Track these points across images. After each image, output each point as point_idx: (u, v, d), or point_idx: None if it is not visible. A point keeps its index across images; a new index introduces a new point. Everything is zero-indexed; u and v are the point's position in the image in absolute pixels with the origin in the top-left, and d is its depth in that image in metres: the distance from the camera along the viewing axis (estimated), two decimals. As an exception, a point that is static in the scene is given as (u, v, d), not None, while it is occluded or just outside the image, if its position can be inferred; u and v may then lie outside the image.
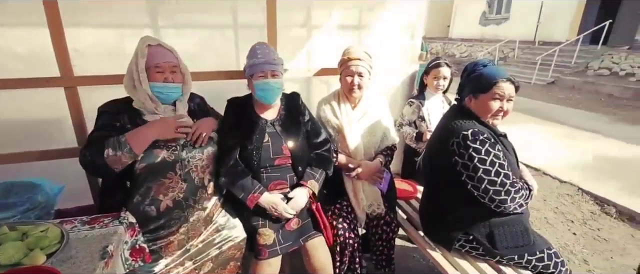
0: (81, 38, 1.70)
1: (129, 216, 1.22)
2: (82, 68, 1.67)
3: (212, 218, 1.46)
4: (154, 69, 1.30)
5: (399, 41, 2.29)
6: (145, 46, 1.30)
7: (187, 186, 1.36)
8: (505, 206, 1.30)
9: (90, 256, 0.99)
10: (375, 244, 1.75)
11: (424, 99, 2.19)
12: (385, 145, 1.82)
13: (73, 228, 1.13)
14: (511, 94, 1.33)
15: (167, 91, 1.33)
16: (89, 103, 1.66)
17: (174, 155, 1.32)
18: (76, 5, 1.63)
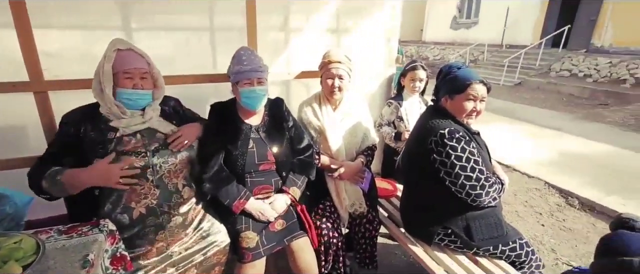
0: (52, 41, 1.64)
1: (109, 223, 1.18)
2: (53, 72, 1.61)
3: (191, 223, 1.43)
4: (122, 74, 1.25)
5: (376, 44, 2.37)
6: (113, 50, 1.25)
7: (160, 192, 1.33)
8: (481, 200, 1.37)
9: (70, 265, 0.96)
10: (358, 242, 1.79)
11: (401, 100, 2.27)
12: (366, 145, 1.86)
13: (49, 237, 1.08)
14: (484, 95, 1.41)
15: (136, 97, 1.29)
16: (61, 108, 1.60)
17: (143, 161, 1.29)
18: (45, 6, 1.58)
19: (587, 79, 9.11)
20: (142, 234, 1.32)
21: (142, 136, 1.33)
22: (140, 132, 1.32)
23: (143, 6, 1.86)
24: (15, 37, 1.48)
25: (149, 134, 1.34)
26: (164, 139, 1.37)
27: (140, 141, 1.31)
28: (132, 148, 1.28)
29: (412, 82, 2.23)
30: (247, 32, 1.84)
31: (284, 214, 1.58)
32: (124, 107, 1.28)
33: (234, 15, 1.97)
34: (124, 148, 1.27)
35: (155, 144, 1.34)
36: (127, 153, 1.27)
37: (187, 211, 1.42)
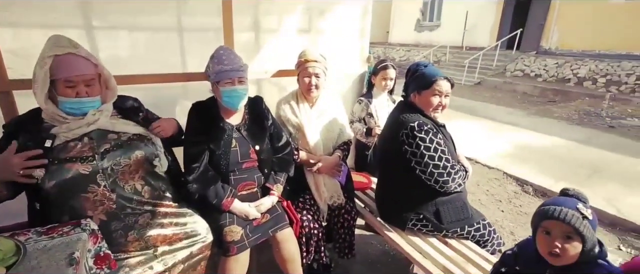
0: (16, 39, 1.57)
1: (91, 223, 1.17)
2: (18, 71, 1.54)
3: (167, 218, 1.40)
4: (63, 83, 1.15)
5: (348, 44, 2.46)
6: (49, 56, 1.12)
7: (117, 195, 1.25)
8: (448, 186, 1.51)
9: (55, 264, 0.95)
10: (337, 232, 1.87)
11: (371, 98, 2.38)
12: (342, 140, 1.95)
13: (28, 239, 1.06)
14: (448, 90, 1.55)
15: (81, 105, 1.20)
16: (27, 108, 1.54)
17: (91, 166, 1.20)
18: (9, 3, 1.51)
19: (538, 79, 9.92)
20: (112, 239, 1.25)
21: (90, 139, 1.24)
22: (88, 136, 1.24)
23: (107, 5, 1.80)
24: None
25: (99, 136, 1.26)
26: (116, 139, 1.28)
27: (88, 144, 1.23)
28: (78, 154, 1.20)
29: (383, 80, 2.35)
30: (224, 32, 1.86)
31: (268, 208, 1.62)
32: (64, 114, 1.19)
33: (206, 16, 1.99)
34: (67, 155, 1.18)
35: (106, 146, 1.25)
36: (71, 160, 1.18)
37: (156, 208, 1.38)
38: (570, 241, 0.95)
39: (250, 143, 1.60)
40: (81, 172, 1.19)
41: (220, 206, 1.51)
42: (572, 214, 0.93)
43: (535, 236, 1.04)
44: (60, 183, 1.16)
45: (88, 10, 1.76)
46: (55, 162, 1.16)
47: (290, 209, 1.68)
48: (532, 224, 1.06)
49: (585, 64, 9.41)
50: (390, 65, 2.36)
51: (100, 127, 1.25)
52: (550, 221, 0.96)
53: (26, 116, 1.23)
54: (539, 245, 1.02)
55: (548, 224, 0.98)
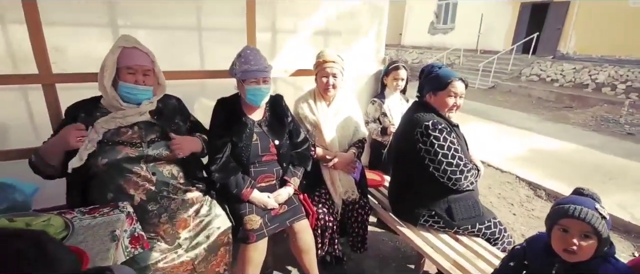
0: (58, 36, 1.70)
1: (128, 205, 1.27)
2: (60, 66, 1.67)
3: (193, 206, 1.52)
4: (125, 70, 1.33)
5: (365, 45, 2.53)
6: (118, 47, 1.33)
7: (157, 179, 1.40)
8: (460, 183, 1.56)
9: (100, 240, 1.06)
10: (351, 226, 1.94)
11: (384, 98, 2.44)
12: (357, 138, 2.03)
13: (73, 218, 1.17)
14: (462, 92, 1.60)
15: (136, 92, 1.37)
16: (67, 101, 1.66)
17: (137, 151, 1.37)
18: (53, 3, 1.63)
19: (554, 84, 9.77)
20: (147, 218, 1.39)
21: (139, 128, 1.40)
22: (138, 125, 1.40)
23: (133, 6, 1.92)
24: (18, 33, 1.55)
25: (146, 126, 1.42)
26: (160, 132, 1.44)
27: (137, 132, 1.39)
28: (128, 139, 1.36)
29: (394, 81, 2.40)
30: (247, 32, 1.96)
31: (286, 199, 1.71)
32: (123, 101, 1.35)
33: (226, 16, 2.09)
34: (119, 138, 1.35)
35: (152, 136, 1.42)
36: (122, 143, 1.35)
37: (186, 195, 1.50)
38: (587, 240, 0.98)
39: (270, 138, 1.69)
40: (129, 155, 1.34)
41: (240, 195, 1.60)
42: (592, 214, 0.96)
43: (550, 233, 1.07)
44: (111, 162, 1.32)
45: (114, 11, 1.88)
46: (109, 144, 1.32)
47: (307, 202, 1.76)
48: (547, 221, 1.08)
49: (604, 70, 9.22)
50: (401, 65, 2.41)
51: (148, 119, 1.42)
52: (570, 220, 0.99)
53: (87, 101, 1.39)
54: (555, 242, 1.05)
55: (566, 223, 1.00)
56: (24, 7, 1.48)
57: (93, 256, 0.96)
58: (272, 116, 1.76)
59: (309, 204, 1.75)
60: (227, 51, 2.04)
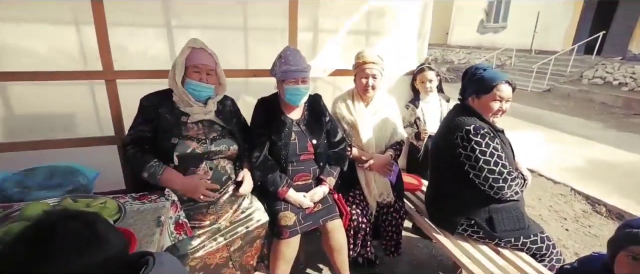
0: (119, 36, 1.86)
1: (171, 194, 1.37)
2: (120, 64, 1.83)
3: (237, 200, 1.62)
4: (192, 68, 1.46)
5: (407, 45, 2.46)
6: (188, 47, 1.46)
7: (214, 174, 1.53)
8: (503, 192, 1.47)
9: (147, 224, 1.15)
10: (385, 229, 1.91)
11: (418, 101, 2.37)
12: (395, 140, 1.98)
13: (126, 202, 1.28)
14: (509, 96, 1.50)
15: (200, 89, 1.48)
16: (124, 95, 1.82)
17: (202, 147, 1.48)
18: (118, 4, 1.78)
19: (622, 88, 8.77)
20: (197, 208, 1.50)
21: (203, 126, 1.52)
22: (202, 122, 1.52)
23: (184, 7, 2.04)
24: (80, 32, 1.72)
25: (209, 125, 1.54)
26: (221, 131, 1.56)
27: (201, 129, 1.51)
28: (195, 134, 1.49)
29: (422, 83, 2.33)
30: (289, 32, 2.00)
31: (320, 198, 1.73)
32: (191, 97, 1.48)
33: (270, 17, 2.15)
34: (188, 133, 1.47)
35: (214, 134, 1.54)
36: (190, 138, 1.47)
37: (233, 190, 1.61)
38: None
39: (308, 137, 1.72)
40: (196, 150, 1.46)
41: (277, 193, 1.65)
42: None
43: (613, 257, 0.97)
44: (182, 156, 1.44)
45: (169, 12, 2.02)
46: (180, 137, 1.44)
47: (341, 201, 1.76)
48: (613, 244, 0.99)
49: (685, 74, 8.11)
50: (427, 67, 2.33)
51: (211, 118, 1.54)
52: None
53: (161, 94, 1.52)
54: (620, 268, 0.95)
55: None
56: (93, 9, 1.64)
57: (140, 238, 1.05)
58: (311, 115, 1.78)
59: (342, 204, 1.76)
60: (270, 51, 2.10)
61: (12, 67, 1.74)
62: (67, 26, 1.84)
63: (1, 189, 1.51)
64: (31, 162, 1.67)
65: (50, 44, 1.83)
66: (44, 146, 1.81)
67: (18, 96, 1.88)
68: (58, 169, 1.70)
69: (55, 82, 1.77)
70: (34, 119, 1.94)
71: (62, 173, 1.69)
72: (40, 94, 1.85)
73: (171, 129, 1.45)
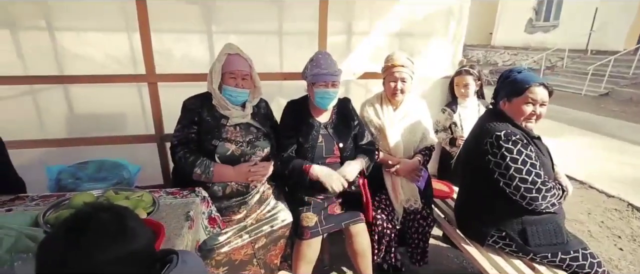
0: (164, 42, 2.01)
1: (202, 191, 1.45)
2: (162, 68, 1.97)
3: (265, 201, 1.67)
4: (228, 74, 1.53)
5: (440, 47, 2.39)
6: (224, 54, 1.53)
7: None
8: (537, 203, 1.37)
9: (177, 218, 1.23)
10: (411, 236, 1.86)
11: (455, 106, 2.26)
12: (424, 145, 1.93)
13: (160, 196, 1.38)
14: (544, 99, 1.40)
15: (236, 94, 1.56)
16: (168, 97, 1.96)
17: (240, 149, 1.56)
18: (165, 13, 1.93)
19: (696, 92, 7.76)
20: (228, 206, 1.58)
21: (240, 128, 1.59)
22: (239, 125, 1.59)
23: (224, 14, 2.15)
24: (130, 39, 1.87)
25: (245, 127, 1.60)
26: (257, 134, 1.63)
27: (239, 132, 1.58)
28: (233, 137, 1.56)
29: (459, 87, 2.23)
30: (319, 35, 2.03)
31: (344, 201, 1.73)
32: (228, 102, 1.55)
33: (303, 21, 2.19)
34: (227, 135, 1.55)
35: (250, 137, 1.60)
36: (229, 140, 1.54)
37: (263, 190, 1.67)
38: None
39: (334, 140, 1.73)
40: (234, 152, 1.54)
41: (302, 171, 1.64)
42: None
43: None
44: (222, 157, 1.53)
45: (209, 19, 2.14)
46: (220, 139, 1.53)
47: (365, 188, 1.73)
48: None
49: None
50: (464, 70, 2.21)
51: (248, 121, 1.61)
52: None
53: (202, 97, 1.60)
54: None
55: None
56: (139, 17, 1.79)
57: (169, 231, 1.13)
58: (339, 118, 1.79)
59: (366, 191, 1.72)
60: (303, 54, 2.15)
61: (72, 71, 1.95)
62: (118, 34, 2.03)
63: (58, 180, 1.69)
64: (84, 156, 1.86)
65: (105, 50, 2.03)
66: (96, 142, 2.01)
67: (77, 97, 2.10)
68: (106, 164, 1.87)
69: (107, 84, 1.95)
70: (89, 118, 2.15)
71: (109, 167, 1.86)
72: (95, 95, 2.06)
73: (212, 131, 1.53)
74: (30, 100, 2.07)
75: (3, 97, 2.01)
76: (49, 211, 1.16)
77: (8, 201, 1.33)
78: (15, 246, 0.86)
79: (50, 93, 2.08)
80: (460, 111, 2.25)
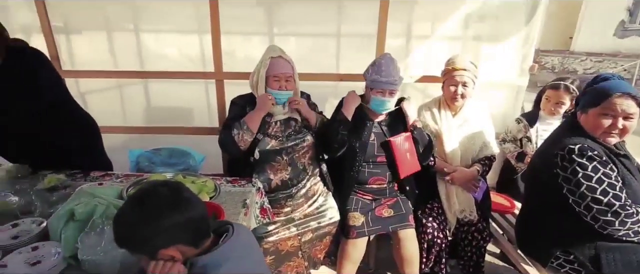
0: (230, 43, 2.17)
1: (258, 181, 1.55)
2: (229, 66, 2.13)
3: (312, 195, 1.72)
4: (272, 78, 1.58)
5: (508, 51, 2.22)
6: (268, 58, 1.58)
7: (291, 169, 1.65)
8: (612, 229, 1.21)
9: (234, 204, 1.33)
10: (464, 249, 1.77)
11: (535, 120, 2.02)
12: (484, 155, 1.82)
13: (221, 183, 1.50)
14: (629, 111, 1.22)
15: (280, 96, 1.61)
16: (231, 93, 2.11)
17: (279, 144, 1.61)
18: (228, 16, 2.09)
19: None
20: (276, 200, 1.66)
21: (281, 124, 1.65)
22: (280, 121, 1.65)
23: (285, 16, 2.24)
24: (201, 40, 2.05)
25: (285, 123, 1.66)
26: (295, 126, 1.67)
27: (279, 128, 1.65)
28: (273, 132, 1.63)
29: (548, 102, 1.96)
30: (378, 37, 2.03)
31: (393, 205, 1.72)
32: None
33: (361, 23, 2.20)
34: (267, 131, 1.63)
35: (289, 131, 1.66)
36: (269, 135, 1.62)
37: (310, 186, 1.72)
38: None
39: (387, 137, 1.72)
40: (274, 146, 1.60)
41: (343, 117, 1.65)
42: None
43: None
44: (262, 151, 1.60)
45: (272, 21, 2.25)
46: (262, 134, 1.61)
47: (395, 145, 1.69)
48: None
49: None
50: (564, 85, 1.89)
51: (289, 115, 1.67)
52: None
53: (248, 96, 1.71)
54: None
55: None
56: (211, 20, 1.96)
57: (227, 216, 1.22)
58: (395, 117, 1.78)
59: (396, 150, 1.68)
60: (360, 56, 2.18)
61: (152, 68, 2.20)
62: (191, 35, 2.24)
63: (137, 162, 1.93)
64: (158, 143, 2.10)
65: (179, 50, 2.26)
66: (168, 131, 2.25)
67: (154, 91, 2.36)
68: (176, 151, 2.09)
69: (178, 80, 2.17)
70: (163, 110, 2.41)
71: (178, 154, 2.07)
72: (168, 90, 2.30)
73: None
74: (117, 92, 2.39)
75: (99, 89, 2.35)
76: (130, 187, 1.33)
77: (100, 176, 1.56)
78: (105, 213, 1.02)
79: (133, 87, 2.37)
80: (539, 126, 2.01)
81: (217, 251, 0.78)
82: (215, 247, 0.78)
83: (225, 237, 0.81)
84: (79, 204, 1.04)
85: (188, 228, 0.76)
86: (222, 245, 0.79)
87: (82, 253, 0.93)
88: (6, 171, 1.50)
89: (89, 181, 1.50)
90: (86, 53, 2.25)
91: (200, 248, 0.79)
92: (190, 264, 0.76)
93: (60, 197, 1.32)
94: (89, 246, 0.95)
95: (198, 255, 0.77)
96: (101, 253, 0.93)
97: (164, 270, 0.73)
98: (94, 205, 1.03)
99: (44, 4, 1.98)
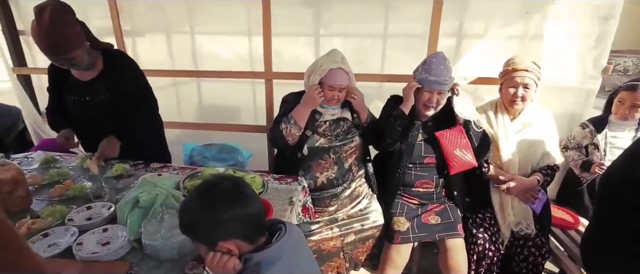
0: (279, 44, 2.22)
1: (303, 180, 1.56)
2: (277, 66, 2.19)
3: (357, 197, 1.70)
4: (328, 87, 1.56)
5: (576, 51, 2.01)
6: (327, 69, 1.54)
7: (338, 168, 1.64)
8: None
9: (281, 201, 1.35)
10: (518, 265, 1.63)
11: (604, 125, 1.83)
12: (546, 163, 1.67)
13: (268, 180, 1.53)
14: None
15: (330, 106, 1.62)
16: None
17: (328, 142, 1.62)
18: (279, 18, 2.14)
19: None
20: (320, 198, 1.66)
21: (330, 124, 1.66)
22: (329, 121, 1.66)
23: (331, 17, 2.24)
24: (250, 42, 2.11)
25: (335, 122, 1.66)
26: (345, 127, 1.67)
27: (328, 128, 1.65)
28: (323, 131, 1.64)
29: (622, 105, 1.76)
30: (430, 37, 1.96)
31: (440, 211, 1.65)
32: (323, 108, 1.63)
33: (410, 23, 2.13)
34: (316, 129, 1.64)
35: (338, 131, 1.66)
36: (318, 133, 1.63)
37: (355, 187, 1.70)
38: None
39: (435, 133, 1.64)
40: (323, 144, 1.62)
41: (400, 112, 1.61)
42: None
43: None
44: (311, 148, 1.63)
45: (318, 23, 2.26)
46: (311, 132, 1.63)
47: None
48: None
49: None
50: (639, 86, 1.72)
51: (339, 116, 1.67)
52: None
53: (300, 94, 1.72)
54: None
55: None
56: (263, 23, 2.03)
57: (275, 212, 1.24)
58: (443, 116, 1.69)
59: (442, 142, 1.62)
60: (406, 57, 2.11)
61: (205, 68, 2.33)
62: (241, 37, 2.33)
63: (191, 156, 2.05)
64: (208, 139, 2.21)
65: (231, 51, 2.36)
66: (219, 128, 2.37)
67: (206, 89, 2.50)
68: (225, 147, 2.18)
69: (227, 80, 2.27)
70: (213, 107, 2.54)
71: (228, 150, 2.17)
72: (219, 89, 2.43)
73: (306, 123, 1.62)
74: (173, 90, 2.56)
75: (157, 87, 2.52)
76: (186, 179, 1.41)
77: (159, 167, 1.67)
78: (165, 202, 1.09)
79: (187, 85, 2.52)
80: (609, 132, 1.81)
81: (271, 248, 0.79)
82: (269, 245, 0.80)
83: (279, 235, 0.82)
84: (143, 192, 1.12)
85: (246, 223, 0.78)
86: (275, 243, 0.80)
87: (145, 237, 1.00)
88: (81, 158, 1.68)
89: (149, 171, 1.62)
90: (147, 53, 2.44)
91: (255, 244, 0.81)
92: (244, 260, 0.78)
93: (125, 185, 1.45)
94: (150, 232, 1.02)
95: (253, 252, 0.79)
96: (161, 239, 0.99)
97: (221, 262, 0.76)
98: (155, 194, 1.11)
99: (116, 9, 2.19)
